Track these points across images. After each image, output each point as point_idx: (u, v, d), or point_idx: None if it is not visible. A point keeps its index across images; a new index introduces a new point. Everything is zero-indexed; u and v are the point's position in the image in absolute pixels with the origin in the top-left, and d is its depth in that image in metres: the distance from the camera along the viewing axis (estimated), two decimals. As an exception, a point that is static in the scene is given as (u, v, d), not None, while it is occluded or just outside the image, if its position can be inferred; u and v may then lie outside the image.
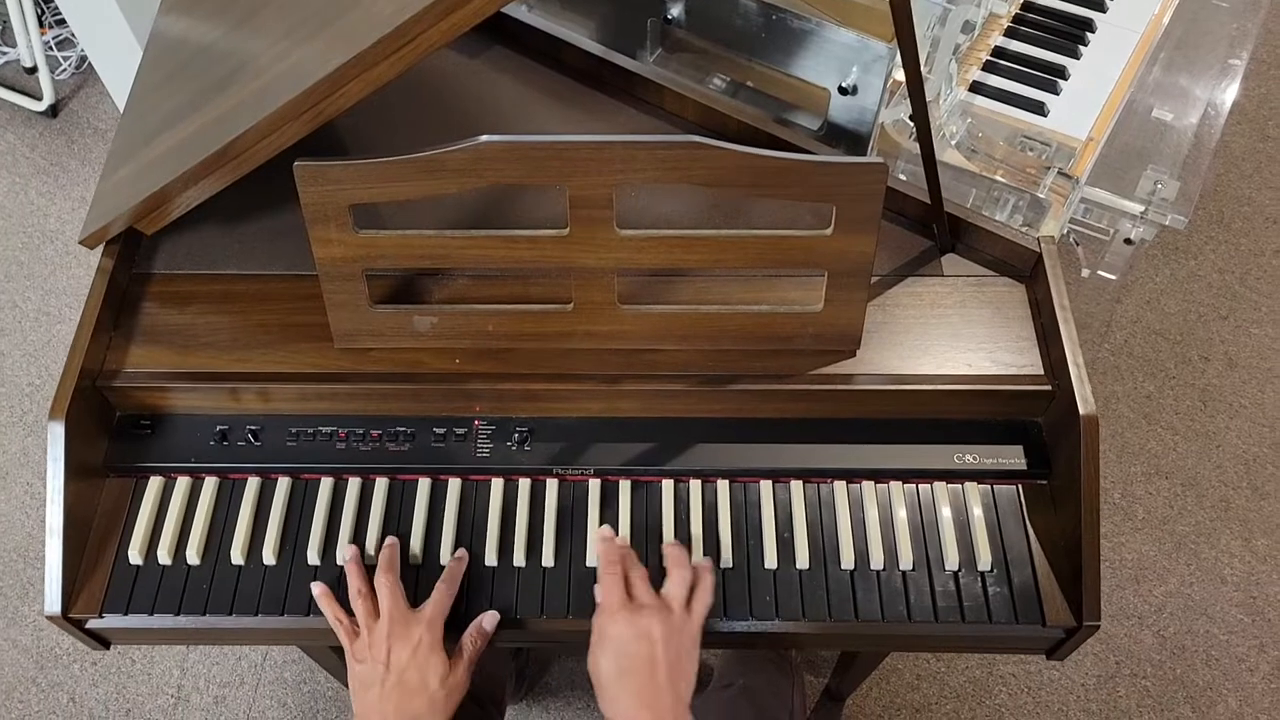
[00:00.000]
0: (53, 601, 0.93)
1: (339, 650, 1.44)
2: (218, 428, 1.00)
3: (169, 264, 1.06)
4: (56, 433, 0.93)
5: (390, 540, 0.97)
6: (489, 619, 0.95)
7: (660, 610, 0.88)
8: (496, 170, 0.88)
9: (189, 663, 1.78)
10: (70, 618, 0.94)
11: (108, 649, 0.99)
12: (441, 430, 1.00)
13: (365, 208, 0.91)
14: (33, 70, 2.34)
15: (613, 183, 0.88)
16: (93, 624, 0.95)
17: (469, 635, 0.94)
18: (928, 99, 1.18)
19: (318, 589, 0.94)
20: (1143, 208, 1.27)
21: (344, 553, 0.96)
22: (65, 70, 2.43)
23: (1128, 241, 1.32)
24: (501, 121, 1.16)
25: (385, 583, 0.93)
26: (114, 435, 1.00)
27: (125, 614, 0.94)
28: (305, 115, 0.92)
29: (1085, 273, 1.40)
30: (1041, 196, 1.19)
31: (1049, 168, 1.18)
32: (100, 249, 1.03)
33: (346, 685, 1.65)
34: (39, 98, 2.37)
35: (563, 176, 0.88)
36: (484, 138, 0.86)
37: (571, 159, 0.87)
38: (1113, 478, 1.94)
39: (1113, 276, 1.38)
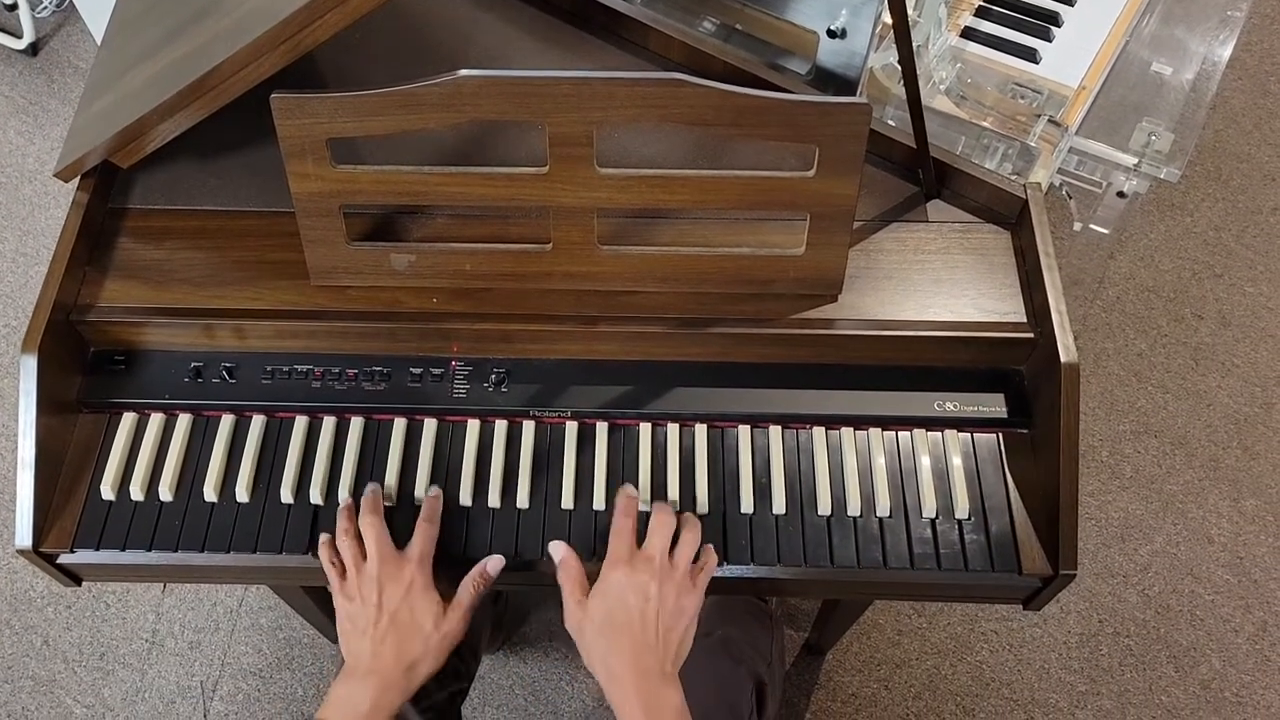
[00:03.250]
0: (23, 535, 0.92)
1: (313, 592, 1.44)
2: (192, 364, 0.99)
3: (145, 199, 1.05)
4: (29, 366, 0.92)
5: (372, 486, 0.96)
6: (493, 563, 0.94)
7: (663, 569, 0.88)
8: (475, 106, 0.86)
9: (164, 608, 1.77)
10: (41, 552, 0.93)
11: (79, 585, 0.99)
12: (418, 370, 1.00)
13: (344, 143, 0.90)
14: (13, 8, 2.30)
15: (593, 120, 0.86)
16: (64, 559, 0.95)
17: (470, 580, 0.93)
18: (917, 44, 1.16)
19: (323, 538, 0.93)
20: (1136, 160, 1.26)
21: (341, 502, 0.95)
22: (46, 8, 2.39)
23: (1120, 194, 1.31)
24: (484, 59, 1.14)
25: (370, 523, 0.92)
26: (88, 370, 0.99)
27: (97, 549, 0.94)
28: (282, 47, 0.90)
29: (1077, 226, 1.38)
30: (1031, 144, 1.17)
31: (1039, 115, 1.17)
32: (75, 182, 1.01)
33: (321, 631, 1.67)
34: (19, 36, 2.33)
35: (542, 113, 0.86)
36: (463, 72, 0.85)
37: (551, 95, 0.85)
38: (1101, 435, 1.94)
39: (1105, 230, 1.37)
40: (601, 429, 0.99)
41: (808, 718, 1.70)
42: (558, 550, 0.93)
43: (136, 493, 0.95)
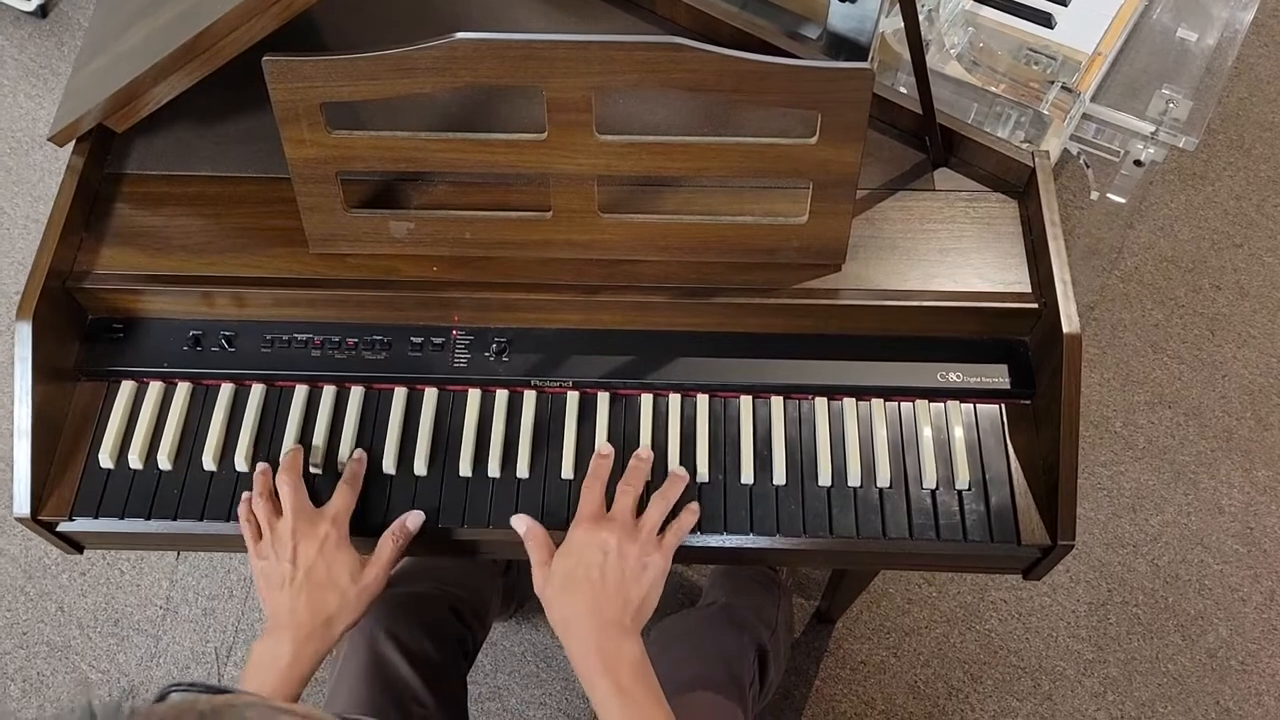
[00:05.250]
0: (21, 503, 0.92)
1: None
2: (191, 332, 0.99)
3: (142, 164, 1.04)
4: (24, 333, 0.91)
5: (294, 447, 0.96)
6: (413, 518, 0.94)
7: (626, 529, 0.88)
8: (471, 70, 0.85)
9: (178, 575, 1.79)
10: (39, 520, 0.94)
11: (80, 553, 0.99)
12: (419, 339, 0.99)
13: (342, 108, 0.89)
14: (22, -31, 2.29)
15: (591, 85, 0.85)
16: (63, 527, 0.95)
17: (389, 534, 0.93)
18: (929, 7, 1.14)
19: (244, 497, 0.93)
20: (1153, 128, 1.23)
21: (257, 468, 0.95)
22: (55, -31, 2.38)
23: (1138, 163, 1.29)
24: (487, 20, 1.13)
25: (286, 481, 0.92)
26: (85, 338, 0.99)
27: (95, 517, 0.94)
28: (274, 8, 0.89)
29: (1094, 195, 1.36)
30: (1044, 112, 1.15)
31: (1053, 82, 1.14)
32: (71, 147, 1.01)
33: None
34: (28, -3, 2.32)
35: (539, 77, 0.85)
36: (458, 35, 0.83)
37: (548, 59, 0.84)
38: (1115, 406, 1.92)
39: (1122, 200, 1.35)
40: (603, 399, 0.98)
41: (817, 684, 1.70)
42: (520, 523, 0.93)
43: (135, 461, 0.95)
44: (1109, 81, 1.26)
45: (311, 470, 0.96)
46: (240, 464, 0.96)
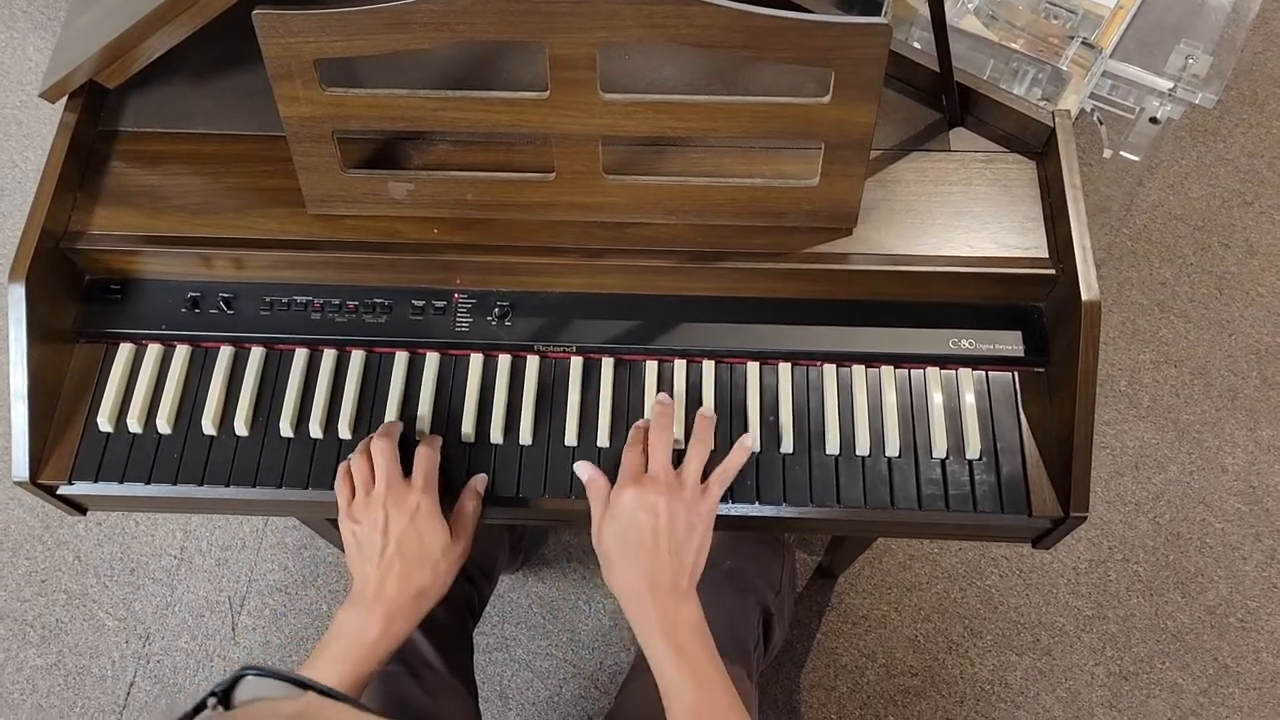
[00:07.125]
0: (20, 467, 0.91)
1: (332, 520, 1.44)
2: (189, 294, 0.97)
3: (137, 121, 1.01)
4: (17, 295, 0.89)
5: (394, 421, 0.94)
6: (479, 480, 0.93)
7: (669, 485, 0.87)
8: (469, 25, 0.82)
9: (191, 525, 1.80)
10: (39, 484, 0.92)
11: (84, 515, 0.99)
12: (420, 303, 0.97)
13: (339, 65, 0.86)
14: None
15: (595, 41, 0.82)
16: (63, 490, 0.94)
17: (466, 501, 0.92)
18: (944, -42, 1.10)
19: (341, 466, 0.92)
20: (1172, 84, 1.20)
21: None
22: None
23: (1153, 121, 1.26)
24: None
25: (381, 447, 0.90)
26: (83, 299, 0.97)
27: (95, 481, 0.93)
28: (265, -40, 0.86)
29: (1107, 153, 1.34)
30: (1063, 68, 1.12)
31: (1072, 37, 1.11)
32: (64, 103, 0.98)
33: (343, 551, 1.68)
34: (37, -52, 2.28)
35: (541, 33, 0.82)
36: (458, -11, 0.80)
37: (550, 14, 0.81)
38: (1120, 365, 1.91)
39: (1136, 158, 1.32)
40: (607, 364, 0.97)
41: (819, 637, 1.71)
42: (584, 470, 0.92)
43: (134, 425, 0.94)
44: (1124, 35, 1.23)
45: (312, 435, 0.95)
46: (240, 428, 0.94)
